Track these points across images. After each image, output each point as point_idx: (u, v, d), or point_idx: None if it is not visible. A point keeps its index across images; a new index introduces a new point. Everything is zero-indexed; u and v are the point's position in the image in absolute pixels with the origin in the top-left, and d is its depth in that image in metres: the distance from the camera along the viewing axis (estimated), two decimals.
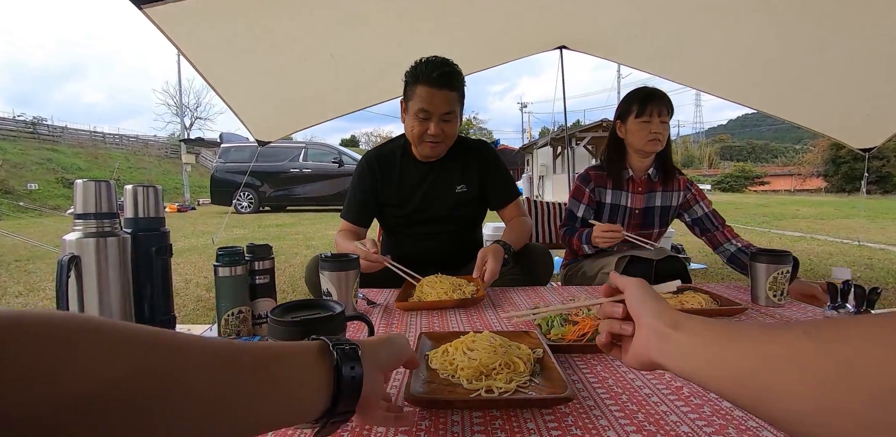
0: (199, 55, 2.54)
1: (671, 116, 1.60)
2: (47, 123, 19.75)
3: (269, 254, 1.09)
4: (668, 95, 1.61)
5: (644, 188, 1.70)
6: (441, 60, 1.41)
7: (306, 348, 0.41)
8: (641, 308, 0.48)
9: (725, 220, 1.69)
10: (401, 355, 0.52)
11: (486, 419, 0.60)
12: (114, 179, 0.99)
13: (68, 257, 0.85)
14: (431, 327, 1.00)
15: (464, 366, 0.66)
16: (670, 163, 1.70)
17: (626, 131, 1.64)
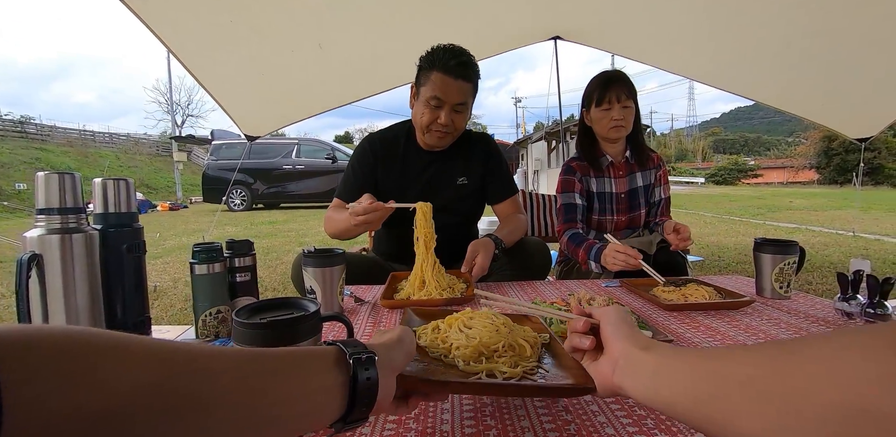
0: (185, 48, 2.46)
1: (634, 97, 1.56)
2: (35, 122, 19.47)
3: (249, 250, 1.03)
4: (627, 78, 1.57)
5: (624, 171, 1.68)
6: (459, 49, 1.36)
7: (324, 353, 0.40)
8: (614, 333, 0.48)
9: (670, 214, 1.73)
10: (411, 351, 0.50)
11: (477, 415, 0.56)
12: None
13: (28, 256, 0.78)
14: None
15: (461, 345, 0.57)
16: (642, 144, 1.69)
17: (591, 119, 1.62)
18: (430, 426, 0.54)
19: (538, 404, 0.59)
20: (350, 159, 1.57)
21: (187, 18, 2.29)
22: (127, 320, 0.93)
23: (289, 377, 0.35)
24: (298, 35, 2.57)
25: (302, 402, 0.36)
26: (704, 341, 0.82)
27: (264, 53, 2.66)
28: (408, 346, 0.49)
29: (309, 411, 0.37)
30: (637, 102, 1.57)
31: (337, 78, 3.08)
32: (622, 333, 0.47)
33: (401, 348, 0.48)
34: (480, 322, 0.62)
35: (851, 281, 0.94)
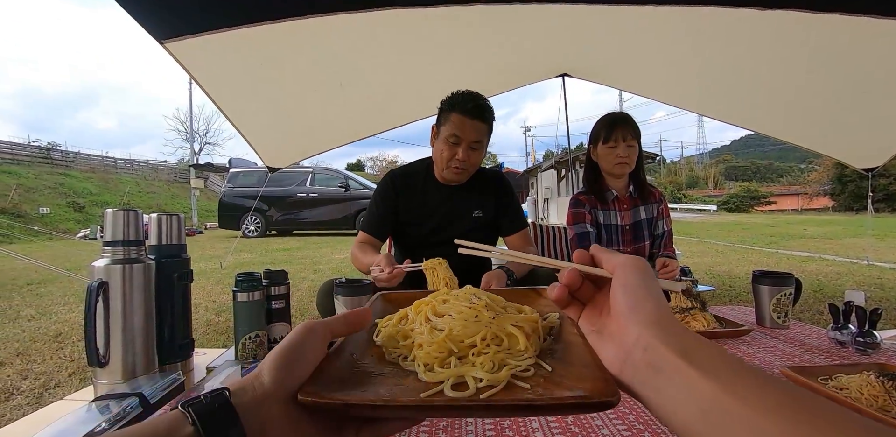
0: (213, 85, 2.65)
1: (638, 138, 1.71)
2: (61, 149, 20.22)
3: (284, 279, 1.13)
4: (633, 120, 1.73)
5: (629, 205, 1.80)
6: (477, 94, 1.53)
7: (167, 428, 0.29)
8: (634, 308, 0.33)
9: (673, 245, 1.84)
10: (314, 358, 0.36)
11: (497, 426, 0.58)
12: (124, 202, 1.03)
13: (97, 283, 0.89)
14: None
15: (424, 341, 0.41)
16: (643, 180, 1.82)
17: (597, 155, 1.76)
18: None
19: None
20: (374, 193, 1.69)
21: (220, 60, 2.48)
22: (174, 342, 1.03)
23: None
24: (321, 75, 2.75)
25: None
26: None
27: (289, 91, 2.84)
28: (312, 351, 0.35)
29: None
30: (640, 142, 1.70)
31: (356, 114, 3.26)
32: (644, 312, 0.32)
33: (294, 360, 0.34)
34: (456, 306, 0.45)
35: (843, 311, 1.01)
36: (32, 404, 1.88)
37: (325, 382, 0.34)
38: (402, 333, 0.44)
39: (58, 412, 0.87)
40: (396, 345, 0.43)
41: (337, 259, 6.21)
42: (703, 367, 0.28)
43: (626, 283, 0.35)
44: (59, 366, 2.29)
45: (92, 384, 0.95)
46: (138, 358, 0.94)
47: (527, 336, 0.42)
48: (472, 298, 0.47)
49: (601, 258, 0.38)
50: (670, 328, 0.31)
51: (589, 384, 0.33)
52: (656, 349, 0.30)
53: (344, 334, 0.40)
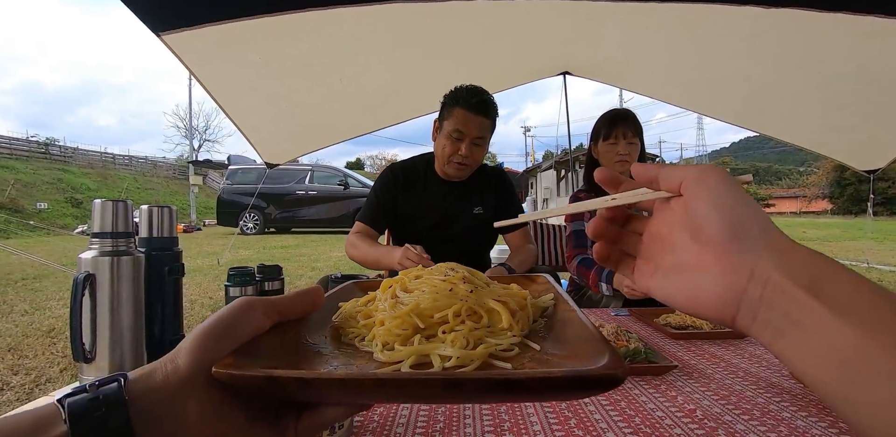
0: (212, 80, 2.62)
1: (639, 135, 1.67)
2: (59, 144, 20.15)
3: (278, 275, 1.10)
4: (634, 116, 1.69)
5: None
6: (481, 89, 1.50)
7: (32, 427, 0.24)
8: (738, 231, 0.26)
9: None
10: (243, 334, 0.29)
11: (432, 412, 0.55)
12: (123, 199, 1.00)
13: (83, 276, 0.86)
14: None
15: (385, 317, 0.35)
16: None
17: (598, 153, 1.72)
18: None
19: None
20: (373, 186, 1.66)
21: (219, 54, 2.45)
22: (164, 339, 1.00)
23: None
24: (321, 71, 2.72)
25: None
26: (710, 369, 0.86)
27: (288, 87, 2.81)
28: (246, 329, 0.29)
29: None
30: (643, 140, 1.67)
31: (355, 110, 3.23)
32: (753, 233, 0.26)
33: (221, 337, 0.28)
34: (428, 281, 0.38)
35: None
36: (22, 399, 1.85)
37: (251, 356, 0.28)
38: (363, 313, 0.38)
39: None
40: (355, 325, 0.37)
41: (335, 257, 6.18)
42: (840, 306, 0.22)
43: (717, 199, 0.26)
44: (51, 361, 2.26)
45: (78, 381, 0.92)
46: (126, 354, 0.91)
47: (512, 313, 0.35)
48: (447, 271, 0.40)
49: (653, 176, 0.30)
50: (793, 254, 0.24)
51: (587, 360, 0.27)
52: (779, 285, 0.24)
53: (293, 315, 0.33)
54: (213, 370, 0.25)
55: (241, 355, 0.27)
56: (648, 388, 0.76)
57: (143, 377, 0.26)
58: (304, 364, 0.30)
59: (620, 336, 0.89)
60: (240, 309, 0.30)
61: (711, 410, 0.67)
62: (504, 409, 0.66)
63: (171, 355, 0.27)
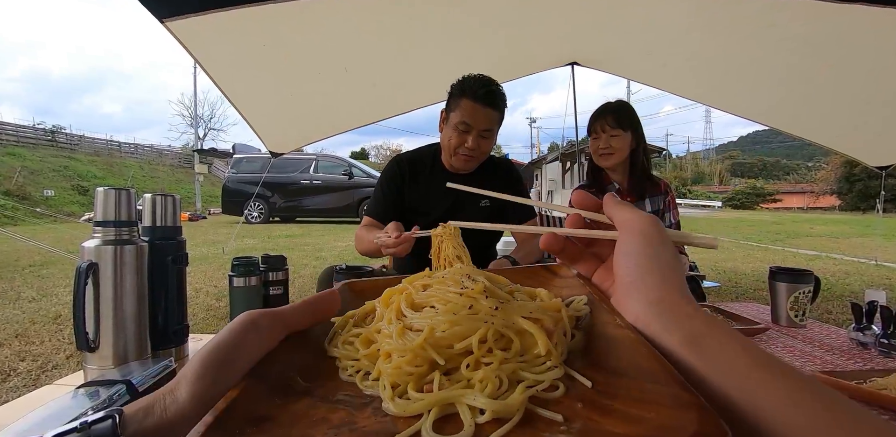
0: (217, 68, 2.59)
1: (627, 125, 1.63)
2: (66, 132, 20.19)
3: (283, 265, 1.09)
4: (622, 107, 1.66)
5: (632, 198, 1.74)
6: (489, 79, 1.45)
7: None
8: (633, 281, 0.28)
9: None
10: (244, 365, 0.27)
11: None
12: (128, 187, 0.98)
13: (86, 264, 0.85)
14: None
15: (393, 349, 0.28)
16: (641, 171, 1.74)
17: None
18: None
19: None
20: (379, 178, 1.64)
21: (224, 42, 2.42)
22: (168, 328, 0.99)
23: None
24: (326, 59, 2.69)
25: None
26: None
27: (293, 75, 2.78)
28: (249, 354, 0.27)
29: None
30: (639, 130, 1.65)
31: (360, 99, 3.20)
32: (645, 286, 0.27)
33: (224, 365, 0.26)
34: (440, 294, 0.32)
35: (866, 311, 0.96)
36: (29, 386, 1.86)
37: (231, 425, 0.23)
38: (363, 337, 0.31)
39: (47, 397, 0.84)
40: (355, 354, 0.30)
41: (339, 247, 6.19)
42: (713, 360, 0.24)
43: (628, 250, 0.29)
44: (58, 348, 2.28)
45: (82, 370, 0.92)
46: (130, 343, 0.90)
47: (548, 334, 0.28)
48: (463, 281, 0.32)
49: (611, 213, 0.32)
50: (675, 310, 0.26)
51: (666, 413, 0.20)
52: (658, 335, 0.26)
53: (303, 326, 0.31)
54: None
55: (213, 429, 0.22)
56: None
57: (139, 413, 0.24)
58: (296, 429, 0.24)
59: None
60: (242, 330, 0.27)
61: None
62: None
63: (172, 385, 0.26)
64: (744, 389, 0.22)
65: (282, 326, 0.29)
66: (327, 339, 0.33)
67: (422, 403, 0.24)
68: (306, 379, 0.28)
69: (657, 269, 0.28)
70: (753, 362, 0.23)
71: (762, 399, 0.22)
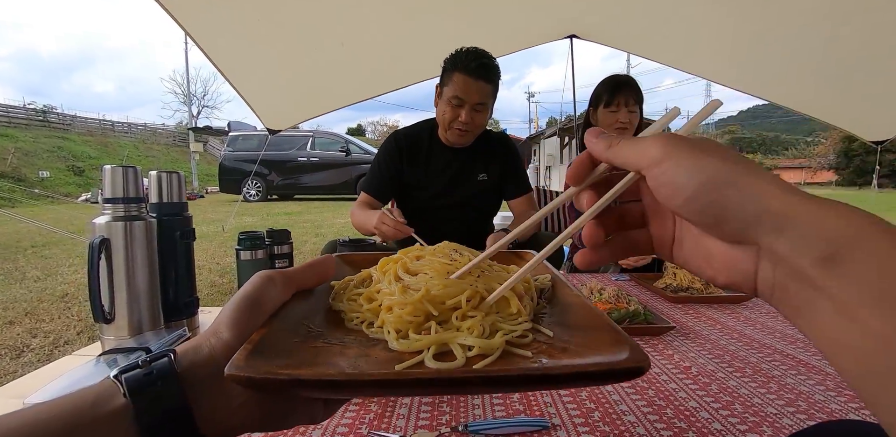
0: (211, 44, 2.55)
1: (640, 104, 1.65)
2: (57, 112, 19.86)
3: (287, 239, 1.13)
4: (637, 84, 1.66)
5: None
6: (482, 52, 1.45)
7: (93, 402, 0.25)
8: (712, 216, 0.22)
9: None
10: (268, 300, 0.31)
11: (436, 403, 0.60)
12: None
13: (99, 240, 0.88)
14: None
15: (393, 303, 0.33)
16: None
17: (597, 119, 1.70)
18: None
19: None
20: (376, 154, 1.66)
21: (217, 16, 2.38)
22: (178, 300, 1.03)
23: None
24: (322, 33, 2.65)
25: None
26: (707, 330, 0.89)
27: (289, 50, 2.75)
28: (271, 303, 0.31)
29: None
30: (642, 109, 1.65)
31: (357, 74, 3.16)
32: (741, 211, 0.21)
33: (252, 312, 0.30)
34: (432, 263, 0.37)
35: None
36: (42, 360, 1.92)
37: (265, 354, 0.27)
38: (365, 295, 0.37)
39: (66, 367, 0.88)
40: (359, 309, 0.35)
41: (339, 223, 6.23)
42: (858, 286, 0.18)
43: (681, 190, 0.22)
44: (67, 325, 2.33)
45: (100, 341, 0.96)
46: (143, 314, 0.94)
47: (519, 297, 0.35)
48: (452, 254, 0.39)
49: (610, 158, 0.26)
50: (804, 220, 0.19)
51: (608, 349, 0.27)
52: (787, 262, 0.20)
53: (308, 285, 0.36)
54: (227, 372, 0.24)
55: (254, 355, 0.26)
56: (646, 347, 0.80)
57: (190, 352, 0.28)
58: (320, 357, 0.29)
59: (621, 299, 0.92)
60: (262, 284, 0.31)
61: (706, 367, 0.71)
62: None
63: (212, 330, 0.29)
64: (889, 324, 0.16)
65: (292, 283, 0.34)
66: (331, 297, 0.38)
67: (423, 341, 0.30)
68: (318, 326, 0.34)
69: (744, 184, 0.21)
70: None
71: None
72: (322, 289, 0.38)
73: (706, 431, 0.54)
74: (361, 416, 0.58)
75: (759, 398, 0.61)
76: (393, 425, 0.56)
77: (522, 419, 0.55)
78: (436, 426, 0.55)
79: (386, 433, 0.53)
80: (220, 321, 0.29)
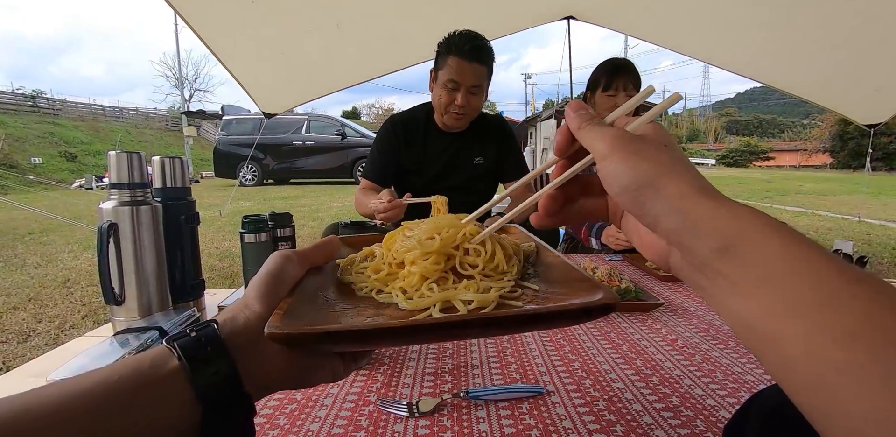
0: (204, 26, 2.53)
1: (638, 88, 1.65)
2: (47, 97, 19.53)
3: (289, 222, 1.15)
4: (635, 68, 1.65)
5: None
6: (474, 34, 1.45)
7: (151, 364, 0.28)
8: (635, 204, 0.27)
9: None
10: (289, 275, 0.36)
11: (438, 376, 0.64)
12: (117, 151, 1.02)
13: (107, 224, 0.91)
14: None
15: (417, 257, 0.38)
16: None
17: (594, 103, 1.70)
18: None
19: (546, 339, 0.69)
20: (374, 141, 1.67)
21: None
22: (185, 283, 1.07)
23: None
24: (317, 15, 2.62)
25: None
26: (693, 306, 0.93)
27: (284, 33, 2.72)
28: (292, 278, 0.36)
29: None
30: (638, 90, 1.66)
31: (353, 57, 3.14)
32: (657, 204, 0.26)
33: (276, 286, 0.34)
34: (426, 229, 0.41)
35: None
36: (50, 344, 1.97)
37: (296, 316, 0.31)
38: (372, 267, 0.41)
39: (77, 348, 0.92)
40: (367, 279, 0.40)
41: (336, 207, 6.25)
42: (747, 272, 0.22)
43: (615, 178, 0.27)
44: (72, 309, 2.37)
45: (110, 322, 0.99)
46: (153, 296, 0.98)
47: (507, 257, 0.40)
48: (439, 221, 0.43)
49: (579, 136, 0.31)
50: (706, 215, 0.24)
51: (584, 294, 0.32)
52: (689, 249, 0.25)
53: (319, 262, 0.40)
54: (266, 331, 0.28)
55: (286, 317, 0.30)
56: (636, 322, 0.84)
57: (228, 322, 0.31)
58: (342, 319, 0.33)
59: (613, 277, 0.96)
60: (282, 262, 0.36)
61: (691, 340, 0.75)
62: (506, 338, 0.74)
63: (242, 302, 0.33)
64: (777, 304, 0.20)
65: (305, 261, 0.38)
66: (339, 272, 0.43)
67: (429, 299, 0.35)
68: (332, 296, 0.38)
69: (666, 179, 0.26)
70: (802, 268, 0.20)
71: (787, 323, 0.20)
72: (329, 267, 0.43)
73: (688, 396, 0.58)
74: (369, 385, 0.62)
75: (739, 366, 0.66)
76: (399, 393, 0.60)
77: (519, 386, 0.59)
78: (438, 394, 0.59)
79: (393, 400, 0.58)
80: (249, 296, 0.33)
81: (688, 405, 0.56)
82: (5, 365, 1.77)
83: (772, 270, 0.21)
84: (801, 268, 0.20)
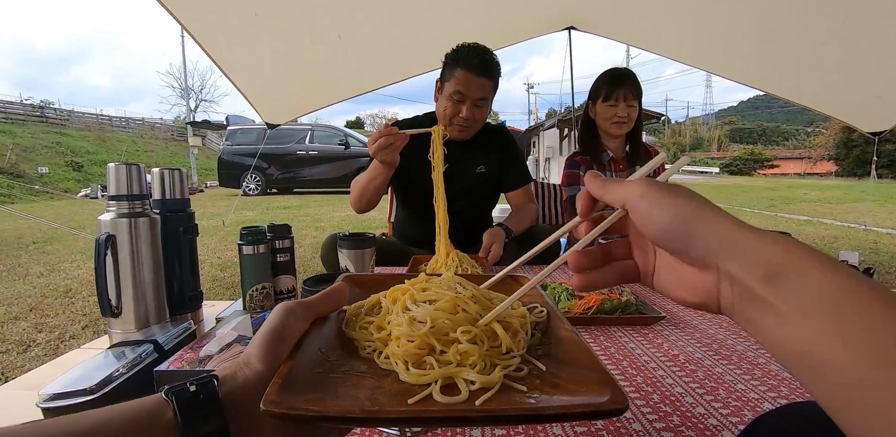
0: (208, 38, 2.56)
1: (639, 98, 1.65)
2: (54, 107, 19.79)
3: (288, 233, 1.15)
4: (636, 78, 1.66)
5: (625, 166, 1.76)
6: (483, 48, 1.47)
7: (149, 414, 0.28)
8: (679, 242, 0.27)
9: None
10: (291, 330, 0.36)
11: None
12: (123, 161, 1.02)
13: (105, 236, 0.90)
14: None
15: (402, 333, 0.37)
16: (640, 141, 1.76)
17: (595, 113, 1.70)
18: None
19: None
20: None
21: (213, 10, 2.38)
22: (183, 295, 1.06)
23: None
24: (319, 27, 2.65)
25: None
26: (696, 320, 0.92)
27: (286, 44, 2.75)
28: (295, 333, 0.35)
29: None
30: (641, 102, 1.66)
31: (356, 68, 3.17)
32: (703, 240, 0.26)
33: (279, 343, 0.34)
34: (438, 295, 0.40)
35: None
36: (49, 354, 1.96)
37: (293, 387, 0.30)
38: (375, 324, 0.40)
39: (74, 360, 0.91)
40: (370, 337, 0.39)
41: (338, 217, 6.25)
42: (784, 287, 0.23)
43: (653, 223, 0.28)
44: (73, 320, 2.36)
45: (107, 334, 0.98)
46: (150, 308, 0.97)
47: (514, 333, 0.39)
48: (456, 287, 0.42)
49: (601, 194, 0.32)
50: (750, 246, 0.25)
51: (593, 388, 0.31)
52: (738, 281, 0.25)
53: (325, 312, 0.39)
54: (262, 407, 0.28)
55: (284, 389, 0.30)
56: (637, 336, 0.83)
57: (228, 379, 0.31)
58: (341, 390, 0.32)
59: (614, 290, 0.94)
60: (285, 316, 0.35)
61: (693, 355, 0.74)
62: None
63: (243, 360, 0.33)
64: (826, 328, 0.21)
65: (310, 312, 0.38)
66: (343, 323, 0.42)
67: (431, 375, 0.34)
68: (335, 355, 0.37)
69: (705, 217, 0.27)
70: (847, 294, 0.21)
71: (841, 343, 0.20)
72: (335, 313, 0.42)
73: (690, 415, 0.57)
74: None
75: (742, 383, 0.64)
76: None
77: None
78: None
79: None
80: (251, 354, 0.33)
81: (689, 425, 0.55)
82: (4, 376, 1.76)
83: (819, 297, 0.22)
84: (846, 294, 0.21)
